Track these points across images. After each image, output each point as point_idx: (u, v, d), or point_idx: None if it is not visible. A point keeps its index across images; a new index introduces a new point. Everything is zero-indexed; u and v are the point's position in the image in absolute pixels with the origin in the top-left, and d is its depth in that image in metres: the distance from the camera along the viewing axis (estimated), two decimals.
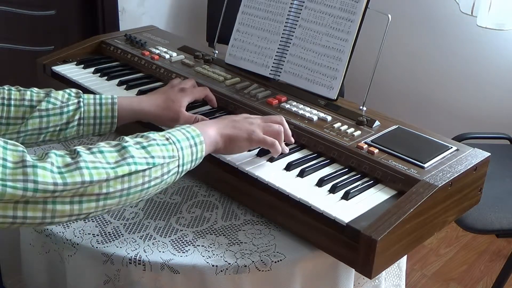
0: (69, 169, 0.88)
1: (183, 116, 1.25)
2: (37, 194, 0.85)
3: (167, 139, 1.00)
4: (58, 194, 0.87)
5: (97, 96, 1.21)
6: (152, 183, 0.96)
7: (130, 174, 0.93)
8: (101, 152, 0.93)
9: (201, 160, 1.05)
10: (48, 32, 2.45)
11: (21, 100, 1.16)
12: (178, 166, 1.00)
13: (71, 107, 1.18)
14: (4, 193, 0.83)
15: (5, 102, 1.14)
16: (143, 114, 1.25)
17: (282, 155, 1.19)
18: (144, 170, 0.94)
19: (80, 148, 0.93)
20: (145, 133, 1.01)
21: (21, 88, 1.18)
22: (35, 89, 1.19)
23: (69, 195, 0.88)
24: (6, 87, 1.17)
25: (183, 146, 1.01)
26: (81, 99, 1.19)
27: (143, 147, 0.96)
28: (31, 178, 0.84)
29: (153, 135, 1.00)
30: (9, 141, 0.88)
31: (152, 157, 0.95)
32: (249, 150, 1.17)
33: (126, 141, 0.97)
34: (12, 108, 1.15)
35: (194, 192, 1.25)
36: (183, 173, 1.02)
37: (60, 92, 1.19)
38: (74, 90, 1.22)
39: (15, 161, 0.85)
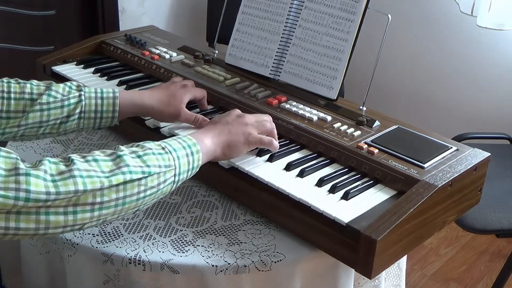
0: (63, 177, 0.87)
1: (183, 113, 1.25)
2: (29, 204, 0.84)
3: (163, 148, 0.98)
4: (50, 203, 0.86)
5: (98, 90, 1.21)
6: (148, 192, 0.95)
7: (125, 183, 0.91)
8: (95, 160, 0.92)
9: (197, 169, 1.04)
10: (48, 32, 2.45)
11: (21, 93, 1.15)
12: (175, 175, 0.99)
13: (72, 101, 1.18)
14: None
15: (5, 95, 1.14)
16: (144, 109, 1.24)
17: (282, 155, 1.19)
18: (139, 179, 0.93)
19: (74, 156, 0.91)
20: (140, 143, 0.99)
21: (21, 81, 1.17)
22: (35, 82, 1.18)
23: (62, 204, 0.87)
24: (5, 79, 1.16)
25: (180, 155, 0.99)
26: (83, 93, 1.19)
27: (139, 156, 0.95)
28: (23, 187, 0.83)
29: (148, 144, 0.99)
30: (2, 148, 0.87)
31: (148, 166, 0.94)
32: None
33: (122, 150, 0.95)
34: (12, 102, 1.14)
35: (194, 192, 1.25)
36: (179, 183, 1.01)
37: (61, 85, 1.19)
38: (75, 83, 1.21)
39: (7, 168, 0.84)
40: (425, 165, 1.12)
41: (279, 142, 1.24)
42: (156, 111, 1.24)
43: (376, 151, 1.16)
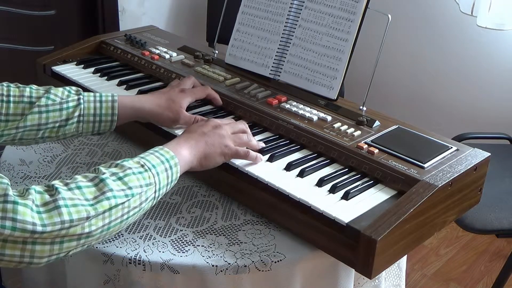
0: (48, 208, 0.86)
1: (183, 117, 1.25)
2: (15, 233, 0.83)
3: (142, 165, 0.98)
4: (38, 235, 0.85)
5: (97, 94, 1.21)
6: (131, 213, 0.95)
7: (110, 209, 0.91)
8: (79, 187, 0.91)
9: (176, 181, 1.04)
10: (48, 32, 2.45)
11: (20, 97, 1.15)
12: (155, 191, 0.99)
13: (70, 104, 1.18)
14: None
15: (4, 98, 1.14)
16: (143, 113, 1.24)
17: (282, 155, 1.19)
18: (123, 203, 0.93)
19: (58, 184, 0.90)
20: (119, 162, 0.98)
21: (20, 85, 1.18)
22: (35, 86, 1.19)
23: (50, 237, 0.86)
24: (5, 83, 1.16)
25: (159, 171, 0.99)
26: (81, 96, 1.19)
27: (119, 178, 0.94)
28: (10, 216, 0.82)
29: (127, 163, 0.98)
30: None
31: (130, 188, 0.94)
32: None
33: (103, 173, 0.94)
34: (11, 105, 1.14)
35: (194, 192, 1.25)
36: (160, 197, 1.01)
37: (60, 89, 1.19)
38: (74, 87, 1.22)
39: None
40: (425, 165, 1.12)
41: (279, 142, 1.24)
42: (155, 115, 1.24)
43: (376, 151, 1.16)
